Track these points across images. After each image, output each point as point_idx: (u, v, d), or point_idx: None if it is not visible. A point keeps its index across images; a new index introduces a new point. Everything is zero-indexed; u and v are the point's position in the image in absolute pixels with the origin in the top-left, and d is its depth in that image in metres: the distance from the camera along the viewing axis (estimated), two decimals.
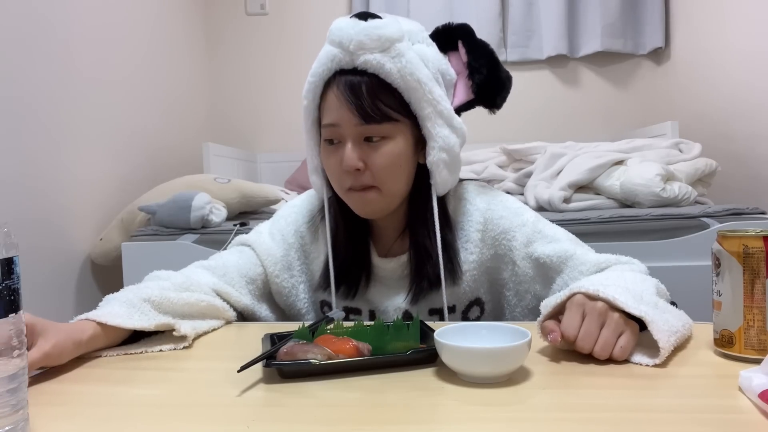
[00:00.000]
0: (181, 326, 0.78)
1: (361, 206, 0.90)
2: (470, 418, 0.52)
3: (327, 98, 0.88)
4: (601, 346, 0.65)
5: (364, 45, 0.84)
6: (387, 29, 0.85)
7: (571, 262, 0.89)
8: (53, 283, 1.72)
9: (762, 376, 0.53)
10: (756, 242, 0.63)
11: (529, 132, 2.69)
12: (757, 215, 1.56)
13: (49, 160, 1.70)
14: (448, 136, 0.90)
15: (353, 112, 0.84)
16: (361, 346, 0.66)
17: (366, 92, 0.84)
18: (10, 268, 0.48)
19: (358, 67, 0.85)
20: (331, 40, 0.86)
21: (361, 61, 0.84)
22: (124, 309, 0.77)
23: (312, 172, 0.97)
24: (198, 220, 1.69)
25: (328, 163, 0.90)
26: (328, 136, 0.89)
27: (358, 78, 0.85)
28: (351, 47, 0.84)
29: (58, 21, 1.77)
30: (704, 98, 2.40)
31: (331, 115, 0.87)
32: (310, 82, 0.89)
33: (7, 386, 0.47)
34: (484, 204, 0.96)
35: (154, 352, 0.76)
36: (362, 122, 0.85)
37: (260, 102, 2.97)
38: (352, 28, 0.85)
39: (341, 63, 0.86)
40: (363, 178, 0.87)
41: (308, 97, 0.90)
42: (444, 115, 0.89)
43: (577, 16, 2.73)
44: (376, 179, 0.87)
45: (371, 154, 0.86)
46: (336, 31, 0.86)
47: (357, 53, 0.84)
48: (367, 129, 0.86)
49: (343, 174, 0.88)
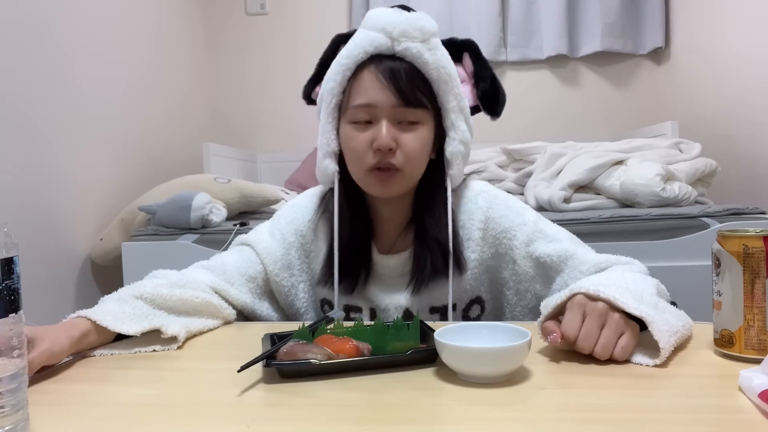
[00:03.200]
0: (168, 328, 0.78)
1: (381, 187, 0.91)
2: (470, 418, 0.52)
3: (359, 80, 0.89)
4: (601, 346, 0.65)
5: (408, 33, 0.88)
6: (427, 22, 0.90)
7: (571, 262, 0.89)
8: (53, 283, 1.72)
9: (762, 376, 0.53)
10: (756, 242, 0.63)
11: (529, 132, 2.68)
12: (757, 215, 1.56)
13: (49, 161, 1.70)
14: (466, 130, 0.94)
15: (393, 93, 0.87)
16: (361, 346, 0.66)
17: (405, 77, 0.88)
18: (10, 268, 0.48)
19: (397, 53, 0.88)
20: (371, 26, 0.89)
21: (402, 48, 0.88)
22: (117, 306, 0.79)
23: (326, 156, 0.95)
24: (198, 220, 1.69)
25: (354, 142, 0.90)
26: (359, 115, 0.90)
27: (398, 63, 0.88)
28: (395, 33, 0.87)
29: (59, 21, 1.77)
30: (704, 98, 2.40)
31: (366, 95, 0.88)
32: (341, 64, 0.90)
33: (7, 386, 0.47)
34: (486, 203, 0.96)
35: (148, 352, 0.76)
36: (400, 104, 0.88)
37: (260, 102, 2.97)
38: (397, 16, 0.89)
39: (381, 47, 0.88)
40: (392, 157, 0.89)
41: (336, 79, 0.91)
42: (464, 110, 0.94)
43: (577, 16, 2.73)
44: (404, 161, 0.89)
45: (404, 135, 0.89)
46: (379, 17, 0.89)
47: (399, 40, 0.88)
48: (402, 112, 0.89)
49: (371, 152, 0.88)
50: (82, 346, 0.74)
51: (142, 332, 0.77)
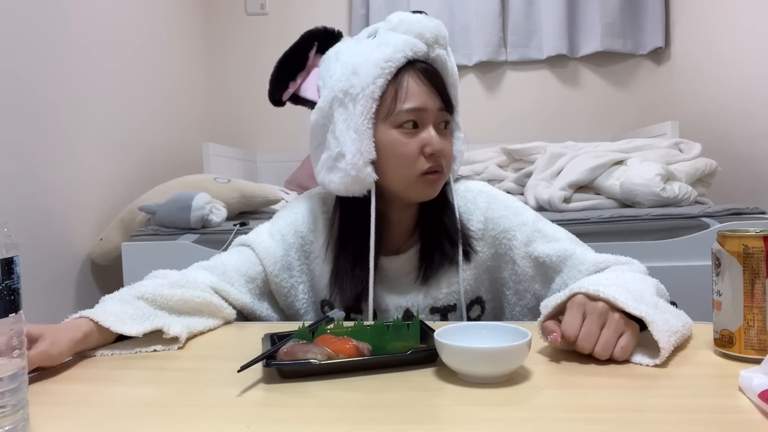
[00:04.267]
0: (170, 328, 0.78)
1: (431, 189, 0.92)
2: (470, 418, 0.52)
3: (401, 84, 0.88)
4: (601, 346, 0.65)
5: (439, 39, 0.90)
6: (445, 29, 0.92)
7: (571, 262, 0.89)
8: (53, 283, 1.72)
9: (762, 376, 0.53)
10: (756, 242, 0.63)
11: (529, 132, 2.69)
12: (757, 215, 1.56)
13: (49, 160, 1.70)
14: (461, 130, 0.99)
15: (439, 99, 0.90)
16: (361, 346, 0.66)
17: (442, 82, 0.91)
18: (10, 268, 0.48)
19: (428, 59, 0.90)
20: (405, 30, 0.89)
21: (435, 54, 0.90)
22: (118, 306, 0.79)
23: (367, 164, 0.89)
24: (198, 220, 1.69)
25: (404, 148, 0.88)
26: (410, 119, 0.89)
27: (433, 68, 0.91)
28: (430, 39, 0.89)
29: (59, 21, 1.77)
30: (704, 98, 2.39)
31: (417, 99, 0.88)
32: (382, 68, 0.87)
33: (7, 386, 0.47)
34: (485, 203, 0.96)
35: (149, 352, 0.76)
36: (443, 108, 0.90)
37: (260, 102, 2.96)
38: (429, 22, 0.90)
39: (419, 53, 0.89)
40: (441, 160, 0.90)
41: (376, 83, 0.87)
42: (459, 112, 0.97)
43: (577, 15, 2.73)
44: (444, 164, 0.91)
45: (443, 140, 0.91)
46: (413, 23, 0.89)
47: (433, 46, 0.90)
48: (443, 116, 0.92)
49: (424, 157, 0.89)
50: (83, 347, 0.74)
51: (144, 333, 0.77)
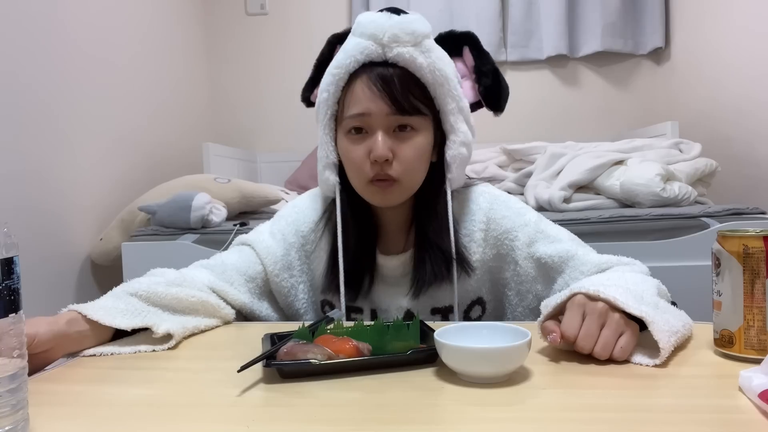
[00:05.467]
0: (159, 327, 0.76)
1: (380, 198, 0.90)
2: (470, 418, 0.52)
3: (352, 90, 0.88)
4: (601, 346, 0.65)
5: (399, 38, 0.85)
6: (419, 24, 0.87)
7: (573, 263, 0.89)
8: (53, 283, 1.72)
9: (762, 376, 0.53)
10: (756, 242, 0.63)
11: (529, 132, 2.68)
12: (757, 215, 1.56)
13: (49, 160, 1.70)
14: (466, 132, 0.92)
15: (386, 102, 0.85)
16: (361, 346, 0.66)
17: (398, 84, 0.86)
18: (10, 268, 0.48)
19: (389, 59, 0.86)
20: (360, 33, 0.87)
21: (394, 54, 0.86)
22: (110, 301, 0.79)
23: (326, 167, 0.95)
24: (198, 220, 1.69)
25: (351, 153, 0.89)
26: (354, 125, 0.88)
27: (390, 70, 0.86)
28: (385, 39, 0.85)
29: (60, 21, 1.77)
30: (704, 98, 2.39)
31: (360, 105, 0.87)
32: (333, 74, 0.89)
33: (7, 386, 0.47)
34: (487, 204, 0.96)
35: (147, 352, 0.76)
36: (395, 112, 0.86)
37: (260, 102, 2.97)
38: (386, 21, 0.86)
39: (372, 55, 0.86)
40: (389, 168, 0.87)
41: (329, 90, 0.89)
42: (464, 111, 0.92)
43: (577, 16, 2.73)
44: (401, 171, 0.88)
45: (400, 145, 0.87)
46: (368, 24, 0.87)
47: (390, 45, 0.85)
48: (397, 120, 0.87)
49: (369, 164, 0.87)
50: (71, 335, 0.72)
51: (134, 328, 0.77)
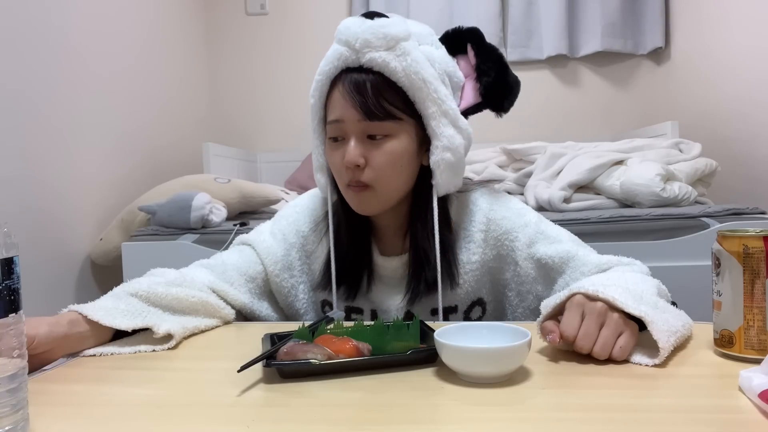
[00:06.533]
0: (160, 327, 0.77)
1: (357, 203, 0.91)
2: (470, 418, 0.52)
3: (333, 96, 0.89)
4: (600, 346, 0.65)
5: (370, 43, 0.85)
6: (393, 28, 0.86)
7: (573, 263, 0.89)
8: (53, 283, 1.72)
9: (762, 376, 0.53)
10: (756, 242, 0.63)
11: (529, 132, 2.68)
12: (757, 215, 1.56)
13: (49, 160, 1.70)
14: (453, 135, 0.89)
15: (357, 109, 0.85)
16: (361, 346, 0.66)
17: (370, 90, 0.85)
18: (10, 268, 0.48)
19: (363, 65, 0.86)
20: (338, 39, 0.88)
21: (367, 59, 0.85)
22: (110, 301, 0.79)
23: (317, 170, 0.97)
24: (198, 220, 1.69)
25: (332, 159, 0.91)
26: (332, 132, 0.90)
27: (363, 76, 0.86)
28: (357, 45, 0.85)
29: (60, 21, 1.77)
30: (704, 98, 2.39)
31: (336, 112, 0.88)
32: (317, 81, 0.91)
33: (7, 386, 0.47)
34: (487, 204, 0.96)
35: (147, 352, 0.76)
36: (365, 119, 0.86)
37: (260, 102, 2.97)
38: (359, 26, 0.86)
39: (347, 61, 0.87)
40: (362, 174, 0.87)
41: (315, 96, 0.91)
42: (449, 115, 0.89)
43: (577, 16, 2.73)
44: (373, 177, 0.87)
45: (373, 151, 0.87)
46: (343, 30, 0.87)
47: (363, 51, 0.85)
48: (369, 126, 0.86)
49: (344, 169, 0.88)
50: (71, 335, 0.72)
51: (134, 328, 0.77)
